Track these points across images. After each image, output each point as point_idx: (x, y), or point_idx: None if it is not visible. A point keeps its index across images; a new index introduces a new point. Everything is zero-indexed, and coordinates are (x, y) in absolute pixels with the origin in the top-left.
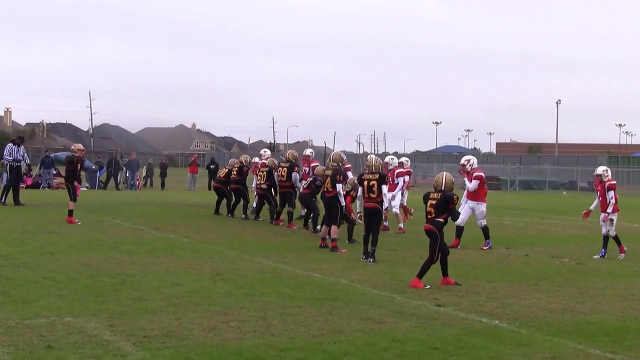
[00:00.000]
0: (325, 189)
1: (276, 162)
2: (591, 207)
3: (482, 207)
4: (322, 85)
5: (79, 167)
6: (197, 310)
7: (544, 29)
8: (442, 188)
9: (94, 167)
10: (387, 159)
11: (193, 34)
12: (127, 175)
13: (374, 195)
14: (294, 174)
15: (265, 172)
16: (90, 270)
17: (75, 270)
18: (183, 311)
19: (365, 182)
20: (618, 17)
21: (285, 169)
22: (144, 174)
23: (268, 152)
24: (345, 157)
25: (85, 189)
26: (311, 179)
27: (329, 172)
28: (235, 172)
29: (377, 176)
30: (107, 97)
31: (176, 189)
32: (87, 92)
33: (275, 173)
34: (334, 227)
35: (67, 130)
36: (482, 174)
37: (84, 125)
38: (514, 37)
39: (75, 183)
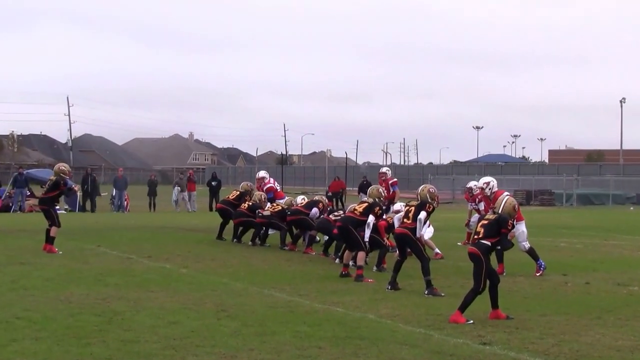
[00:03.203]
0: (353, 210)
1: (251, 186)
2: None
3: (522, 227)
4: (342, 88)
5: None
6: (199, 353)
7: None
8: (500, 210)
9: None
10: (383, 169)
11: (188, 33)
12: (114, 194)
13: (407, 221)
14: (314, 209)
15: (237, 193)
16: (71, 308)
17: (53, 308)
18: (182, 354)
19: (407, 208)
20: None
21: (309, 201)
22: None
23: (261, 173)
24: (383, 193)
25: (64, 211)
26: (370, 201)
27: (370, 200)
28: (246, 206)
29: (418, 202)
30: (89, 104)
31: (170, 210)
32: (65, 97)
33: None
34: (360, 253)
35: (42, 142)
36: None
37: (61, 136)
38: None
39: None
